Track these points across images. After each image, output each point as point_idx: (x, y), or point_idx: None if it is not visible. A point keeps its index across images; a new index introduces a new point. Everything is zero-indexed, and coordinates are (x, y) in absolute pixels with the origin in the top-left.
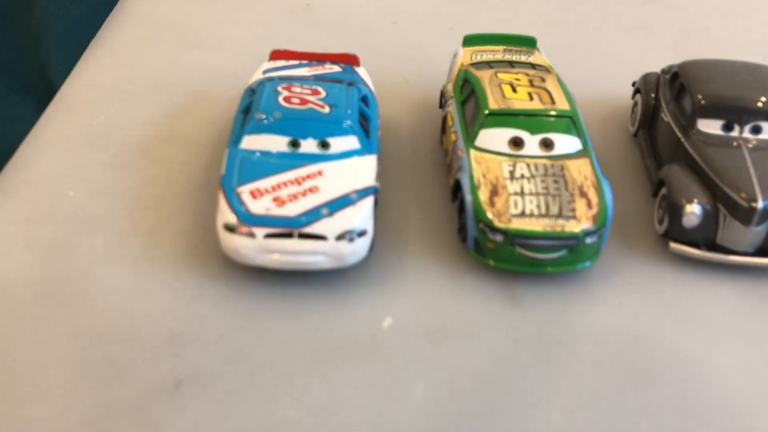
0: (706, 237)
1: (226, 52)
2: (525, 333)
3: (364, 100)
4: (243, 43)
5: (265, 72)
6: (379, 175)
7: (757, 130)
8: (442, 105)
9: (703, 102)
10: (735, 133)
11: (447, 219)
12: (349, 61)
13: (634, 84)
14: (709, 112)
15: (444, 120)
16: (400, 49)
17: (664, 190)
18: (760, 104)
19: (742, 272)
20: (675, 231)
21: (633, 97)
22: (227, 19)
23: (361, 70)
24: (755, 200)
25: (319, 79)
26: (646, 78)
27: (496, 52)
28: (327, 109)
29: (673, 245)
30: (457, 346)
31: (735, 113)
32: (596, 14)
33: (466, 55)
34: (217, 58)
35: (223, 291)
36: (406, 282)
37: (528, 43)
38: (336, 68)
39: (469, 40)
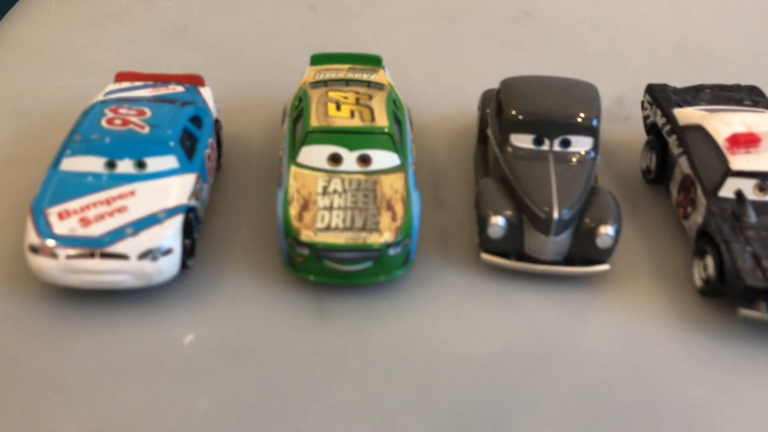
0: (514, 247)
1: (94, 75)
2: (324, 345)
3: (196, 119)
4: (114, 65)
5: (106, 94)
6: (205, 193)
7: (566, 143)
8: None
9: (514, 117)
10: (545, 147)
11: (276, 235)
12: (193, 81)
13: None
14: (520, 127)
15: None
16: (271, 69)
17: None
18: (567, 119)
19: (549, 280)
20: (485, 242)
21: (478, 110)
22: (101, 42)
23: (205, 91)
24: (552, 212)
25: (155, 99)
26: (484, 95)
27: (339, 71)
28: (146, 130)
29: (484, 255)
30: (253, 361)
31: (544, 128)
32: (470, 30)
33: (310, 74)
34: (83, 82)
35: (30, 311)
36: (220, 298)
37: (373, 61)
38: (179, 89)
39: (317, 59)
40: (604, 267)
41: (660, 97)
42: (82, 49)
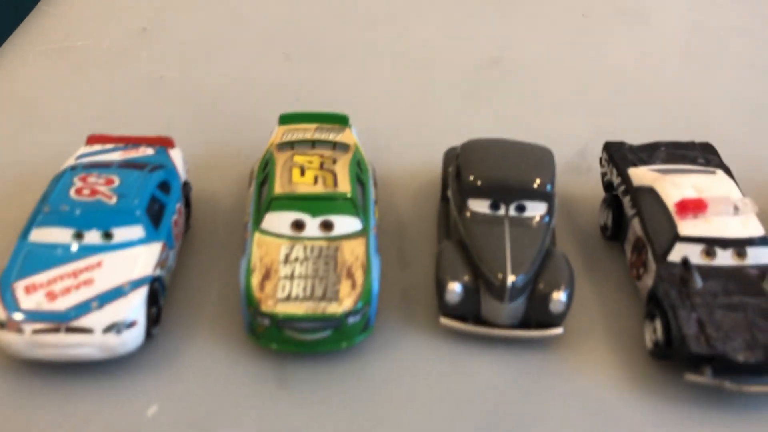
0: (472, 311)
1: (68, 131)
2: (285, 415)
3: (164, 185)
4: (89, 118)
5: (78, 158)
6: (171, 260)
7: (521, 208)
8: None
9: (471, 182)
10: (501, 212)
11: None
12: (163, 143)
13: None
14: (477, 192)
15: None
16: (244, 121)
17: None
18: (523, 185)
19: (506, 343)
20: (443, 306)
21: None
22: (77, 95)
23: (175, 153)
24: (505, 278)
25: (124, 165)
26: (447, 153)
27: (307, 131)
28: (114, 200)
29: (443, 320)
30: None
31: (500, 193)
32: (439, 78)
33: (278, 134)
34: (57, 138)
35: None
36: (184, 367)
37: (340, 120)
38: (149, 151)
39: (285, 119)
40: (557, 331)
41: (616, 155)
42: (57, 103)
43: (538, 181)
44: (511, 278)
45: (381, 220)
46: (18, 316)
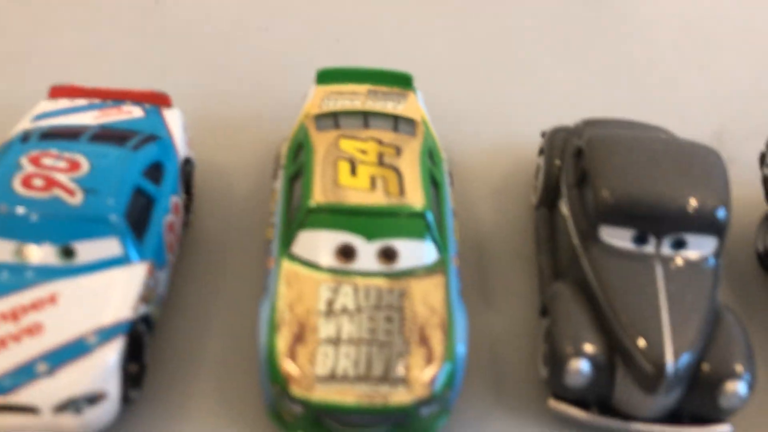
0: (598, 394)
1: (26, 79)
2: None
3: (154, 170)
4: (54, 64)
5: (35, 118)
6: (163, 285)
7: (680, 244)
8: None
9: (607, 201)
10: (650, 248)
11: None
12: (156, 100)
13: (543, 135)
14: (616, 218)
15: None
16: (268, 69)
17: (548, 321)
18: (685, 208)
19: None
20: (557, 385)
21: (539, 155)
22: (41, 30)
23: (172, 114)
24: (662, 361)
25: (99, 135)
26: (553, 136)
27: (356, 96)
28: (78, 198)
29: (554, 403)
30: None
31: (650, 221)
32: (526, 29)
33: (316, 99)
34: (11, 88)
35: None
36: None
37: (401, 81)
38: (136, 112)
39: (325, 76)
40: (724, 429)
41: None
42: (11, 40)
43: (705, 203)
44: (670, 359)
45: (461, 240)
46: None
